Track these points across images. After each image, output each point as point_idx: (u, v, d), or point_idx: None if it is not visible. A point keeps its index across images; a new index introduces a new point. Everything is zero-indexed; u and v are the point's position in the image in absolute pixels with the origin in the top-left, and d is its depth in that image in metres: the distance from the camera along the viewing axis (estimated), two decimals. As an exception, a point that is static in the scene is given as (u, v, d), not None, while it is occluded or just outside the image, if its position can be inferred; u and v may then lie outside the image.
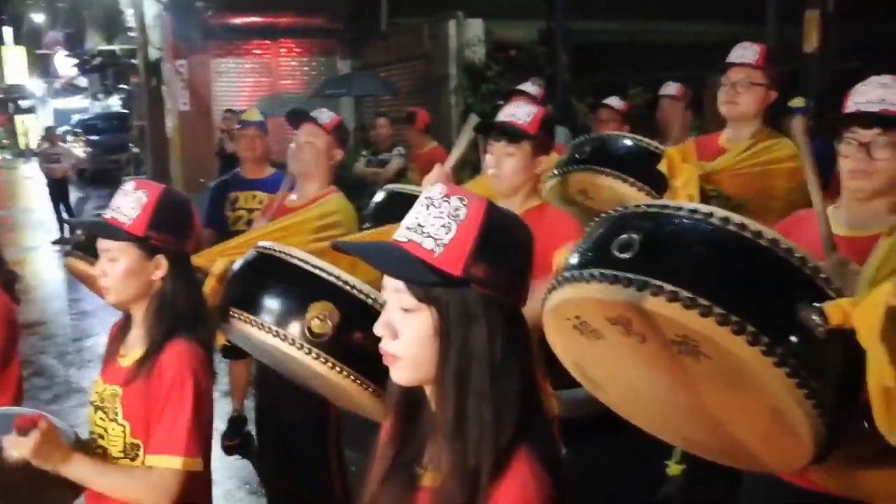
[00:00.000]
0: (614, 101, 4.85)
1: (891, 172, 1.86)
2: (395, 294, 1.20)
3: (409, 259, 1.16)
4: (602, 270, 1.45)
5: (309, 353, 2.03)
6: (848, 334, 1.42)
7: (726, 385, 1.46)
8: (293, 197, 3.14)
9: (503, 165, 2.48)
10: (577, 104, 8.67)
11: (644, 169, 2.81)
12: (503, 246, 1.19)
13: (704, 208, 1.47)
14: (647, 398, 1.66)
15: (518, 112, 2.53)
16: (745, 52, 2.91)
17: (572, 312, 1.55)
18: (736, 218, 1.44)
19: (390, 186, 3.46)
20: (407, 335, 1.19)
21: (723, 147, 3.01)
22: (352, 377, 2.03)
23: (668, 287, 1.37)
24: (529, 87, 4.45)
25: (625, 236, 1.46)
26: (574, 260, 1.55)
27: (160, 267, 1.96)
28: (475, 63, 10.31)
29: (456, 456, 1.15)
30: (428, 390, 1.23)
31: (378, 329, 1.22)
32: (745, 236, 1.43)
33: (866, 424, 1.48)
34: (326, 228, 2.85)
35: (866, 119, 1.86)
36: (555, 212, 2.54)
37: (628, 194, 2.81)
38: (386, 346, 1.21)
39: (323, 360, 2.03)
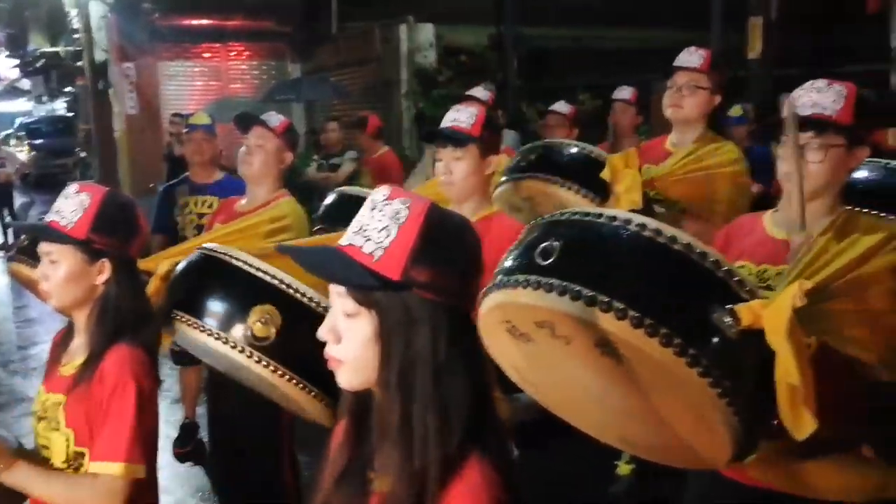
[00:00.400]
0: (561, 106, 4.92)
1: (823, 174, 1.92)
2: (337, 298, 1.19)
3: (348, 263, 1.16)
4: (526, 276, 1.49)
5: (251, 356, 2.02)
6: (760, 335, 1.46)
7: (651, 384, 1.51)
8: (243, 201, 3.13)
9: (454, 171, 2.50)
10: (527, 109, 8.75)
11: (588, 176, 2.84)
12: (446, 248, 1.18)
13: (623, 215, 1.52)
14: (580, 399, 1.69)
15: (460, 116, 2.55)
16: (691, 57, 2.99)
17: (503, 317, 1.59)
18: (652, 223, 1.49)
19: (341, 189, 3.46)
20: (349, 339, 1.18)
21: (668, 150, 3.08)
22: (294, 381, 2.03)
23: (586, 292, 1.41)
24: (480, 92, 4.50)
25: (547, 243, 1.51)
26: (505, 265, 1.59)
27: (103, 271, 1.93)
28: (426, 68, 10.34)
29: (402, 460, 1.14)
30: (375, 392, 1.23)
31: (322, 333, 1.21)
32: (660, 241, 1.47)
33: (776, 422, 1.52)
34: (277, 232, 2.84)
35: (798, 121, 1.90)
36: (507, 220, 2.56)
37: (573, 201, 2.84)
38: (330, 351, 1.21)
39: (265, 364, 2.02)
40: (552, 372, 1.68)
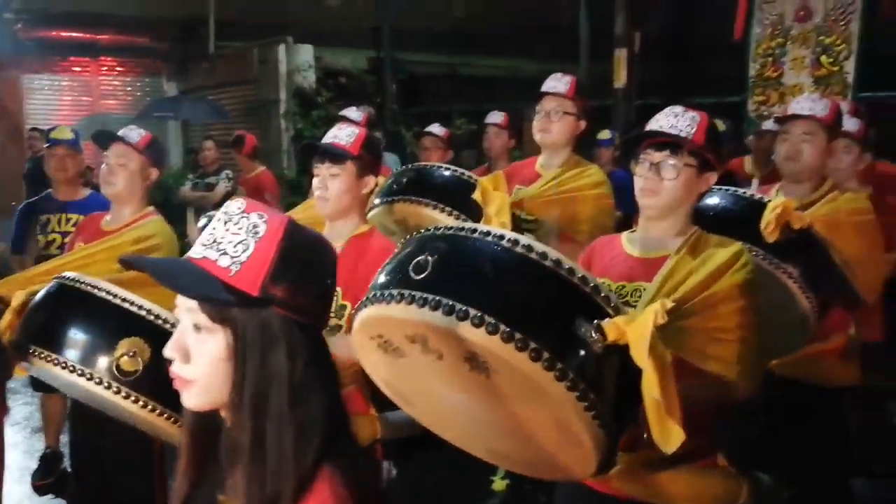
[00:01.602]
0: (436, 129, 5.02)
1: (676, 192, 2.03)
2: (188, 314, 1.14)
3: (204, 276, 1.11)
4: (400, 290, 1.51)
5: (118, 391, 1.96)
6: (624, 349, 1.53)
7: (518, 399, 1.55)
8: (108, 218, 3.01)
9: (329, 186, 2.48)
10: (405, 132, 8.86)
11: (460, 198, 2.89)
12: (305, 265, 1.15)
13: (496, 231, 1.56)
14: (452, 412, 1.72)
15: (340, 134, 2.55)
16: (557, 83, 3.11)
17: (376, 331, 1.60)
18: (524, 240, 1.54)
19: (213, 213, 3.39)
20: (200, 357, 1.13)
21: (538, 172, 3.20)
22: (165, 414, 1.98)
23: (458, 306, 1.44)
24: (353, 112, 4.53)
25: (421, 257, 1.53)
26: (379, 280, 1.61)
27: None
28: (305, 89, 10.30)
29: (255, 482, 1.10)
30: (224, 413, 1.17)
31: (168, 351, 1.15)
32: (531, 258, 1.52)
33: (645, 435, 1.60)
34: (143, 253, 2.76)
35: (655, 138, 2.04)
36: (382, 238, 2.57)
37: (445, 223, 2.88)
38: (177, 370, 1.15)
39: (133, 399, 1.96)
40: (424, 387, 1.70)
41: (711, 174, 2.08)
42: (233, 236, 1.13)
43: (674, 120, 2.05)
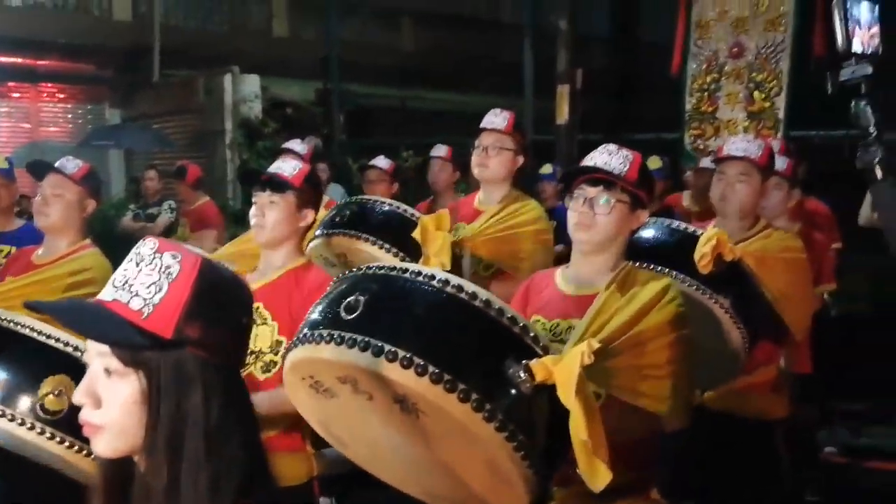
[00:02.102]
0: (381, 162, 5.03)
1: (609, 227, 2.07)
2: (98, 358, 1.12)
3: (114, 320, 1.09)
4: (330, 331, 1.50)
5: (42, 432, 1.88)
6: (553, 389, 1.55)
7: (449, 439, 1.55)
8: (40, 251, 2.93)
9: (266, 214, 2.46)
10: (352, 164, 8.87)
11: (400, 234, 2.90)
12: (220, 305, 1.14)
13: (428, 271, 1.57)
14: (386, 453, 1.72)
15: (285, 166, 2.56)
16: (496, 119, 3.15)
17: (306, 372, 1.59)
18: (454, 280, 1.55)
19: None
20: (111, 402, 1.11)
21: (477, 209, 3.23)
22: (92, 455, 1.92)
23: (388, 348, 1.44)
24: (297, 145, 4.53)
25: (352, 298, 1.53)
26: (311, 319, 1.60)
27: None
28: (251, 119, 10.25)
29: None
30: (137, 458, 1.15)
31: (78, 397, 1.13)
32: (461, 298, 1.53)
33: (577, 470, 1.61)
34: (78, 286, 2.70)
35: (588, 172, 2.09)
36: (319, 273, 2.55)
37: (384, 259, 2.87)
38: (87, 416, 1.12)
39: (59, 440, 1.89)
40: (357, 427, 1.70)
41: (643, 211, 2.13)
42: (145, 277, 1.11)
43: (608, 157, 2.11)
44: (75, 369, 1.94)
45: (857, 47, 1.38)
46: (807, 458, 4.28)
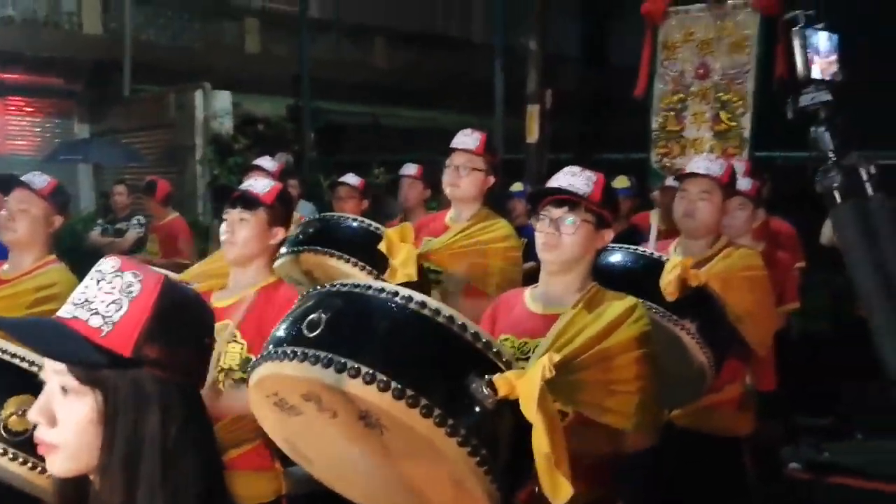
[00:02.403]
0: (351, 179, 5.03)
1: (575, 247, 2.11)
2: (55, 376, 1.11)
3: (72, 337, 1.08)
4: (293, 348, 1.51)
5: (4, 453, 1.86)
6: (516, 404, 1.56)
7: (413, 455, 1.56)
8: (5, 267, 2.90)
9: (236, 231, 2.46)
10: (324, 181, 8.87)
11: (367, 249, 2.90)
12: (180, 325, 1.13)
13: (391, 287, 1.58)
14: (350, 471, 1.72)
15: (256, 184, 2.57)
16: (467, 139, 3.16)
17: (271, 389, 1.59)
18: (418, 296, 1.56)
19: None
20: (67, 421, 1.10)
21: (447, 225, 3.25)
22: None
23: (350, 364, 1.44)
24: (267, 162, 4.53)
25: (315, 315, 1.54)
26: (276, 336, 1.60)
27: None
28: (222, 135, 10.22)
29: None
30: (92, 477, 1.14)
31: (33, 415, 1.11)
32: (424, 314, 1.54)
33: (536, 489, 1.63)
34: (44, 302, 2.68)
35: (553, 194, 2.13)
36: (289, 290, 2.54)
37: (352, 275, 2.88)
38: (42, 435, 1.11)
39: (22, 461, 1.86)
40: (322, 445, 1.69)
41: (608, 231, 2.18)
42: (106, 295, 1.11)
43: (572, 178, 2.15)
44: (40, 389, 1.92)
45: (816, 74, 1.43)
46: (771, 474, 4.34)
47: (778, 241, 4.25)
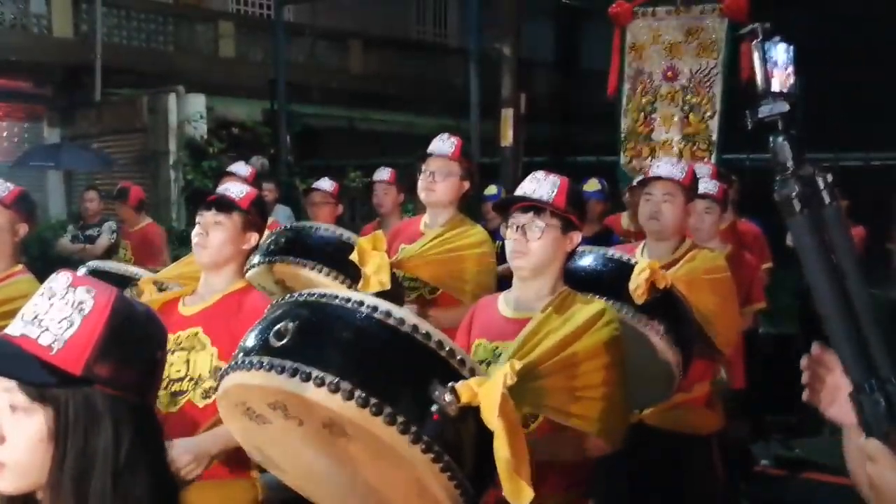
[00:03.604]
0: (325, 184, 4.99)
1: (543, 252, 2.14)
2: (4, 393, 1.09)
3: (20, 355, 1.07)
4: (260, 358, 1.52)
5: None
6: (478, 410, 1.57)
7: (378, 463, 1.57)
8: None
9: (210, 234, 2.42)
10: (300, 185, 8.86)
11: (339, 258, 2.88)
12: (132, 341, 1.13)
13: (357, 297, 1.60)
14: (319, 477, 1.73)
15: (232, 188, 2.54)
16: (443, 145, 3.17)
17: (239, 399, 1.61)
18: (383, 305, 1.59)
19: (93, 264, 3.26)
20: (16, 439, 1.08)
21: (422, 231, 3.27)
22: None
23: (316, 373, 1.46)
24: (241, 167, 4.52)
25: (281, 324, 1.56)
26: (245, 345, 1.62)
27: None
28: (196, 139, 10.17)
29: None
30: (40, 495, 1.12)
31: None
32: (388, 323, 1.57)
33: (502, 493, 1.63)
34: (8, 316, 2.58)
35: (518, 202, 2.16)
36: (258, 296, 2.50)
37: (324, 284, 2.86)
38: None
39: None
40: (291, 453, 1.71)
41: (576, 233, 2.20)
42: (57, 312, 1.10)
43: (536, 185, 2.19)
44: None
45: (775, 87, 1.48)
46: (742, 471, 4.41)
47: (745, 242, 4.32)
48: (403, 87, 13.19)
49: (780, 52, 2.04)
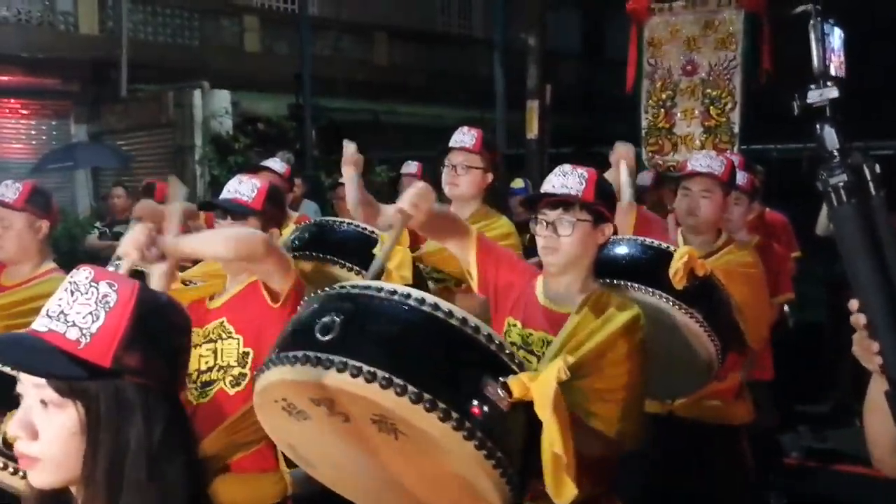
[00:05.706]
0: (351, 179, 5.00)
1: (574, 247, 2.11)
2: (34, 389, 1.10)
3: (49, 351, 1.08)
4: (305, 352, 1.50)
5: (4, 467, 1.84)
6: (529, 405, 1.57)
7: (426, 458, 1.56)
8: (4, 275, 2.81)
9: None
10: (326, 179, 8.88)
11: (362, 253, 2.83)
12: (158, 332, 1.14)
13: (403, 289, 1.58)
14: (356, 474, 1.73)
15: (242, 188, 2.48)
16: (464, 137, 3.14)
17: (280, 394, 1.59)
18: (430, 298, 1.56)
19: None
20: (49, 434, 1.10)
21: (448, 224, 3.26)
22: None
23: (366, 368, 1.44)
24: (276, 163, 4.49)
25: (327, 318, 1.53)
26: (282, 340, 1.60)
27: None
28: (222, 134, 10.22)
29: None
30: (74, 489, 1.13)
31: (14, 429, 1.11)
32: (437, 316, 1.54)
33: (542, 486, 1.64)
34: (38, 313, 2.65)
35: (546, 198, 2.14)
36: None
37: (349, 279, 2.81)
38: (23, 448, 1.11)
39: (23, 475, 1.88)
40: (329, 449, 1.69)
41: (607, 225, 2.18)
42: (81, 307, 1.11)
43: (563, 179, 2.15)
44: None
45: (832, 71, 1.46)
46: (772, 463, 4.38)
47: (773, 232, 4.28)
48: (429, 79, 13.16)
49: (836, 38, 2.02)
